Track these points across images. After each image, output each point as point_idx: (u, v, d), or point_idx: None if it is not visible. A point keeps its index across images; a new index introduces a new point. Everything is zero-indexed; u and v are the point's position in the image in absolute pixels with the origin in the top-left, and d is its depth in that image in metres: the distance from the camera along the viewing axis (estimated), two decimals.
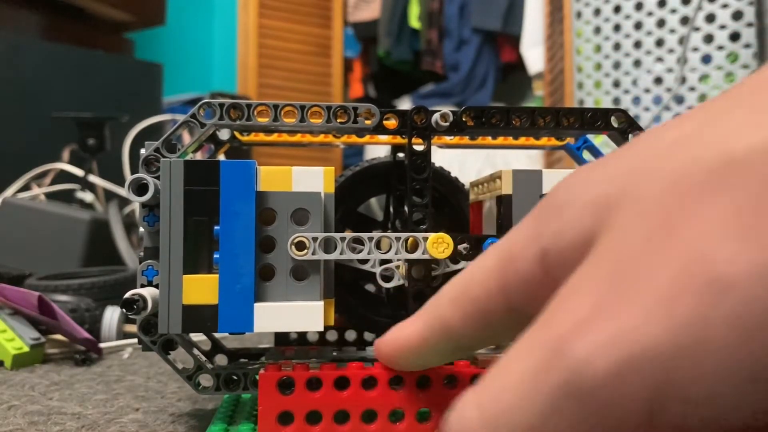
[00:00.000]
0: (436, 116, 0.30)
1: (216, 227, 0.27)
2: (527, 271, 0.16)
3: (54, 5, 1.38)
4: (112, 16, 1.49)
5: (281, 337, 0.39)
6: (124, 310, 0.27)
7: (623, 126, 0.31)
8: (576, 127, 0.30)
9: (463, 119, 0.30)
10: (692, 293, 0.11)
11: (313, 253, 0.27)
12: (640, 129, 0.31)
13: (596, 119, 0.30)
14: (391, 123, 0.31)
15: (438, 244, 0.28)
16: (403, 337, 0.21)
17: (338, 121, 0.30)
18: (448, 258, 0.29)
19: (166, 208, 0.27)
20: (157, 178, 0.28)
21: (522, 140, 0.37)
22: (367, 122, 0.30)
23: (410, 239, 0.28)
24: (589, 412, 0.12)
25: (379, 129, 0.30)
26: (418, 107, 0.30)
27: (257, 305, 0.27)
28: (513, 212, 0.29)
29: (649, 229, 0.13)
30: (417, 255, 0.28)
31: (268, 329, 0.27)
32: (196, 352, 0.31)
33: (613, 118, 0.30)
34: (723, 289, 0.11)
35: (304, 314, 0.27)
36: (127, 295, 0.27)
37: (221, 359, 0.35)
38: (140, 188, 0.28)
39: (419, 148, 0.30)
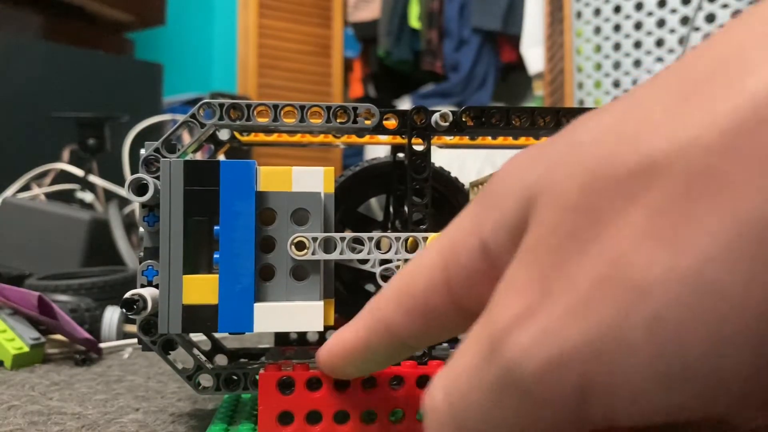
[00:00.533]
0: (436, 116, 0.30)
1: (216, 227, 0.27)
2: (471, 264, 0.15)
3: (54, 5, 1.38)
4: (112, 16, 1.49)
5: (281, 337, 0.39)
6: (124, 310, 0.27)
7: None
8: None
9: (463, 119, 0.30)
10: (609, 298, 0.12)
11: (313, 253, 0.27)
12: None
13: None
14: (391, 123, 0.31)
15: None
16: (342, 343, 0.20)
17: (338, 121, 0.30)
18: None
19: (166, 208, 0.27)
20: (157, 178, 0.28)
21: (522, 140, 0.37)
22: (367, 122, 0.30)
23: (410, 239, 0.28)
24: (526, 405, 0.13)
25: (379, 129, 0.30)
26: (418, 107, 0.30)
27: (257, 305, 0.27)
28: None
29: (570, 227, 0.12)
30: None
31: (268, 329, 0.27)
32: (196, 352, 0.31)
33: None
34: (638, 295, 0.11)
35: (304, 314, 0.27)
36: (127, 295, 0.27)
37: (221, 359, 0.35)
38: (140, 188, 0.28)
39: (419, 148, 0.30)
